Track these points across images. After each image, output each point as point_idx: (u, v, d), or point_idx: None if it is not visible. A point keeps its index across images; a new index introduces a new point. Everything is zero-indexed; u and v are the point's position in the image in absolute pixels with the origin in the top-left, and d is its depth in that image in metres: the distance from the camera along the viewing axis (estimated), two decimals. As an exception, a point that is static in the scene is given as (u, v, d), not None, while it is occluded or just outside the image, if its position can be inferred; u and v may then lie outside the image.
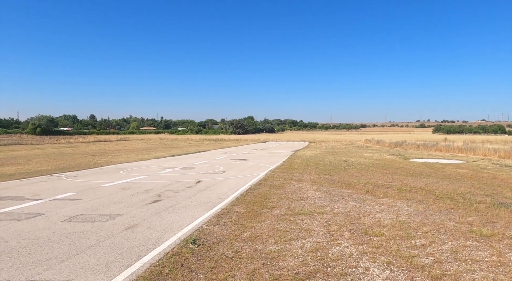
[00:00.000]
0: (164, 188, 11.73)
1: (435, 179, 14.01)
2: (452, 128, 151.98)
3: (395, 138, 60.79)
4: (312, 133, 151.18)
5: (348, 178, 14.24)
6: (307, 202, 9.37)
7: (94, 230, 6.64)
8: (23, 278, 4.47)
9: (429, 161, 23.46)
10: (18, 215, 7.82)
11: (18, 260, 5.11)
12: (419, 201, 9.60)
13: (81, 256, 5.27)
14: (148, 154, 28.88)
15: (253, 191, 11.08)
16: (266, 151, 34.45)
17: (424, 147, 37.94)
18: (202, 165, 19.83)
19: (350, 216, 7.87)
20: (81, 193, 10.58)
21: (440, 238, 6.32)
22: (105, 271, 4.72)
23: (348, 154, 30.14)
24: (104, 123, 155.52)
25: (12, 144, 51.13)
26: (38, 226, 6.88)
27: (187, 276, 4.61)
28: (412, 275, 4.72)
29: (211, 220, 7.42)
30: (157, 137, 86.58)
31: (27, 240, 6.03)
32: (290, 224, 7.16)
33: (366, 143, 55.04)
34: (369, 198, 9.92)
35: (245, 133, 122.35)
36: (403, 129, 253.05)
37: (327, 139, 75.74)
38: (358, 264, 5.10)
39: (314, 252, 5.55)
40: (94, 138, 72.33)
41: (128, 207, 8.74)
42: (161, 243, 5.91)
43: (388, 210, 8.45)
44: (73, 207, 8.61)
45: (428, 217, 7.79)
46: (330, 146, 45.00)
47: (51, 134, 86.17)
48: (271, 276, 4.63)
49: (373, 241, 6.08)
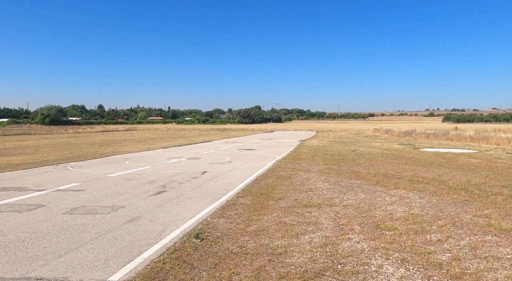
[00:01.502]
0: (169, 178, 11.52)
1: (448, 170, 13.57)
2: (463, 117, 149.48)
3: (404, 127, 59.86)
4: (320, 122, 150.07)
5: (357, 168, 13.87)
6: (315, 193, 9.07)
7: (95, 223, 6.44)
8: (17, 275, 4.26)
9: (440, 150, 22.91)
10: (20, 206, 7.66)
11: (14, 255, 4.91)
12: (432, 192, 9.22)
13: (79, 251, 5.06)
14: (155, 144, 28.77)
15: (259, 182, 10.80)
16: (273, 141, 34.11)
17: (434, 136, 37.20)
18: (208, 155, 19.61)
19: (360, 208, 7.56)
20: (85, 184, 10.42)
21: (456, 232, 5.98)
22: (103, 268, 4.50)
23: (357, 143, 29.66)
24: (112, 113, 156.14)
25: (21, 134, 51.59)
26: (38, 219, 6.70)
27: (188, 274, 4.36)
28: (429, 273, 4.41)
29: (216, 213, 7.17)
30: (164, 127, 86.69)
31: (26, 233, 5.85)
32: (297, 217, 6.88)
33: (374, 132, 54.30)
34: (379, 189, 9.58)
35: (252, 122, 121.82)
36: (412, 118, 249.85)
37: (335, 128, 75.01)
38: (370, 261, 4.80)
39: (323, 247, 5.26)
40: (102, 128, 72.55)
41: (131, 198, 8.54)
42: (163, 237, 5.68)
43: (400, 202, 8.11)
44: (76, 199, 8.44)
45: (443, 210, 7.44)
46: (338, 136, 44.47)
47: (59, 124, 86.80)
48: (277, 274, 4.36)
49: (385, 236, 5.77)
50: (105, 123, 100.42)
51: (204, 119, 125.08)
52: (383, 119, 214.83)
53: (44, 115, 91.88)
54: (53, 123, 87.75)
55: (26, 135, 49.35)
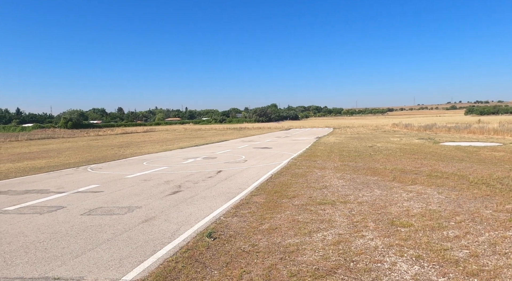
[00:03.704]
0: (185, 178, 11.67)
1: (469, 164, 13.15)
2: (486, 109, 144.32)
3: (424, 121, 58.39)
4: (337, 119, 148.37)
5: (374, 164, 13.64)
6: (329, 190, 8.98)
7: (112, 224, 6.60)
8: (36, 275, 4.42)
9: (461, 144, 22.23)
10: (41, 208, 7.94)
11: (34, 255, 5.09)
12: (451, 187, 8.97)
13: (96, 251, 5.20)
14: (172, 145, 29.18)
15: (274, 180, 10.79)
16: (289, 139, 33.98)
17: (455, 130, 36.13)
18: (224, 155, 19.72)
19: (375, 205, 7.43)
20: (104, 185, 10.68)
21: (475, 228, 5.79)
22: (118, 267, 4.61)
23: (374, 139, 29.16)
24: (131, 115, 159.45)
25: (45, 138, 53.36)
26: (58, 220, 6.93)
27: (200, 272, 4.41)
28: (444, 270, 4.29)
29: (229, 212, 7.21)
30: (182, 128, 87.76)
31: (46, 234, 6.05)
32: (311, 214, 6.83)
33: (393, 127, 53.23)
34: (396, 186, 9.39)
35: (269, 121, 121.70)
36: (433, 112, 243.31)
37: (352, 124, 74.00)
38: (383, 258, 4.71)
39: (336, 245, 5.20)
40: (121, 130, 74.24)
41: (147, 199, 8.69)
42: (177, 237, 5.76)
43: (417, 198, 7.93)
44: (94, 200, 8.67)
45: (462, 205, 7.22)
46: (355, 132, 43.85)
47: (81, 128, 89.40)
48: (288, 272, 4.34)
49: (400, 233, 5.65)
50: (124, 125, 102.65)
51: (221, 119, 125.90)
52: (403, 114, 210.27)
53: (66, 119, 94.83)
54: (75, 126, 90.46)
55: (50, 139, 51.01)
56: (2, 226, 6.57)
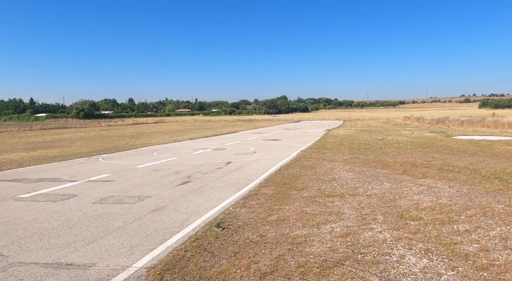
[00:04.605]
0: (194, 169, 11.76)
1: (482, 158, 12.94)
2: (502, 102, 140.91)
3: (437, 115, 57.46)
4: (347, 111, 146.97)
5: (384, 157, 13.52)
6: (338, 183, 8.95)
7: (122, 212, 6.71)
8: (50, 260, 4.54)
9: (474, 138, 21.85)
10: (54, 196, 8.11)
11: (48, 241, 5.23)
12: (463, 181, 8.85)
13: (107, 239, 5.31)
14: (182, 136, 29.36)
15: (283, 172, 10.80)
16: (298, 131, 33.85)
17: (469, 123, 35.49)
18: (234, 146, 19.78)
19: (384, 198, 7.39)
20: (115, 175, 10.84)
21: (486, 223, 5.72)
22: (128, 255, 4.70)
23: (385, 132, 28.85)
24: (141, 106, 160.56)
25: (58, 127, 54.23)
26: (70, 208, 7.08)
27: (209, 261, 4.47)
28: (453, 264, 4.27)
29: (238, 202, 7.26)
30: (192, 119, 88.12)
31: (59, 221, 6.19)
32: (319, 206, 6.83)
33: (404, 120, 52.54)
34: (406, 179, 9.30)
35: (278, 113, 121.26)
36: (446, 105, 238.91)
37: (363, 117, 73.25)
38: (392, 251, 4.70)
39: (344, 237, 5.21)
40: (132, 120, 74.89)
41: (157, 188, 8.80)
42: (186, 226, 5.83)
43: (427, 192, 7.85)
44: (105, 189, 8.81)
45: (473, 199, 7.13)
46: (365, 125, 43.43)
47: (93, 118, 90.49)
48: (296, 263, 4.37)
49: (409, 226, 5.62)
50: (135, 116, 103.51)
51: (230, 110, 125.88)
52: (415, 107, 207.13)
53: (78, 110, 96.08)
54: (87, 117, 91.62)
55: (63, 128, 51.82)
56: (17, 213, 6.75)
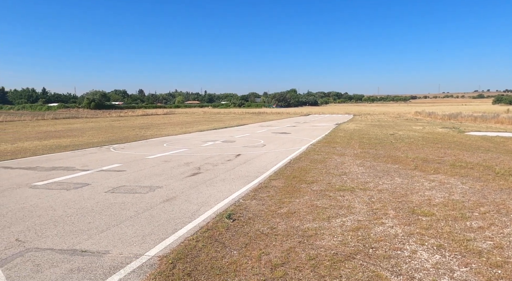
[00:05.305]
0: (204, 161, 11.82)
1: (495, 154, 12.72)
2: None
3: (449, 110, 56.52)
4: (358, 105, 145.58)
5: (395, 152, 13.39)
6: (349, 177, 8.91)
7: (134, 202, 6.80)
8: (65, 247, 4.64)
9: (488, 134, 21.47)
10: (68, 185, 8.25)
11: (62, 228, 5.33)
12: (476, 178, 8.72)
13: (120, 227, 5.39)
14: (191, 128, 29.49)
15: (292, 165, 10.78)
16: (308, 125, 33.70)
17: (482, 119, 34.86)
18: (243, 139, 19.80)
19: (396, 193, 7.33)
20: (126, 165, 10.96)
21: (500, 220, 5.65)
22: (141, 243, 4.77)
23: (396, 127, 28.54)
24: (151, 97, 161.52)
25: (69, 117, 54.95)
26: (83, 196, 7.19)
27: (220, 252, 4.51)
28: (467, 261, 4.23)
29: (248, 195, 7.28)
30: (201, 111, 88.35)
31: (73, 209, 6.31)
32: (330, 200, 6.82)
33: (416, 115, 51.87)
34: (417, 174, 9.21)
35: (288, 106, 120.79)
36: (459, 100, 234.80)
37: (373, 111, 72.50)
38: (403, 246, 4.68)
39: (354, 231, 5.19)
40: (142, 112, 75.40)
41: (168, 179, 8.88)
42: (197, 217, 5.88)
43: (440, 188, 7.76)
44: (117, 178, 8.92)
45: (487, 196, 7.03)
46: (376, 119, 43.01)
47: (103, 108, 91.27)
48: (307, 256, 4.38)
49: (421, 221, 5.58)
50: (145, 107, 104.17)
51: (240, 103, 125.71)
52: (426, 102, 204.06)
53: (89, 100, 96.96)
54: (98, 107, 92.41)
55: (74, 118, 52.48)
56: (33, 200, 6.89)
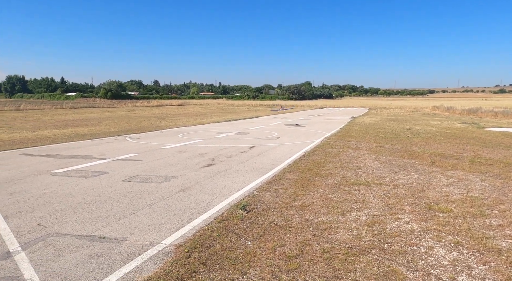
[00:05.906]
0: (218, 152, 11.89)
1: (516, 151, 12.35)
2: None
3: (468, 105, 55.06)
4: (373, 99, 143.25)
5: (412, 147, 13.17)
6: (364, 171, 8.82)
7: (150, 191, 6.91)
8: (84, 233, 4.77)
9: (509, 130, 20.85)
10: (86, 173, 8.44)
11: (82, 215, 5.47)
12: (496, 175, 8.51)
13: (136, 215, 5.50)
14: (206, 119, 29.65)
15: (307, 158, 10.74)
16: (322, 117, 33.42)
17: (503, 115, 33.83)
18: (257, 131, 19.80)
19: (412, 188, 7.23)
20: (142, 154, 11.13)
21: (521, 219, 5.50)
22: (157, 232, 4.86)
23: (413, 121, 28.01)
24: (166, 88, 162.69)
25: (87, 107, 56.01)
26: (101, 184, 7.35)
27: (235, 242, 4.55)
28: (485, 259, 4.15)
29: (262, 187, 7.30)
30: (215, 102, 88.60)
31: (91, 196, 6.46)
32: (344, 194, 6.77)
33: (433, 110, 50.74)
34: (435, 170, 9.04)
35: (302, 99, 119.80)
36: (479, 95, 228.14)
37: (389, 105, 71.26)
38: (420, 242, 4.62)
39: (370, 226, 5.16)
40: (157, 102, 76.13)
41: (183, 169, 8.98)
42: (212, 207, 5.94)
43: (458, 184, 7.61)
44: (133, 168, 9.08)
45: (507, 194, 6.85)
46: (392, 113, 42.29)
47: (120, 98, 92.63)
48: (321, 249, 4.38)
49: (438, 218, 5.49)
50: (160, 98, 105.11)
51: (254, 95, 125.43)
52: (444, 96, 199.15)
53: (106, 90, 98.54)
54: (114, 97, 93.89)
55: (91, 108, 53.44)
56: (53, 187, 7.09)
